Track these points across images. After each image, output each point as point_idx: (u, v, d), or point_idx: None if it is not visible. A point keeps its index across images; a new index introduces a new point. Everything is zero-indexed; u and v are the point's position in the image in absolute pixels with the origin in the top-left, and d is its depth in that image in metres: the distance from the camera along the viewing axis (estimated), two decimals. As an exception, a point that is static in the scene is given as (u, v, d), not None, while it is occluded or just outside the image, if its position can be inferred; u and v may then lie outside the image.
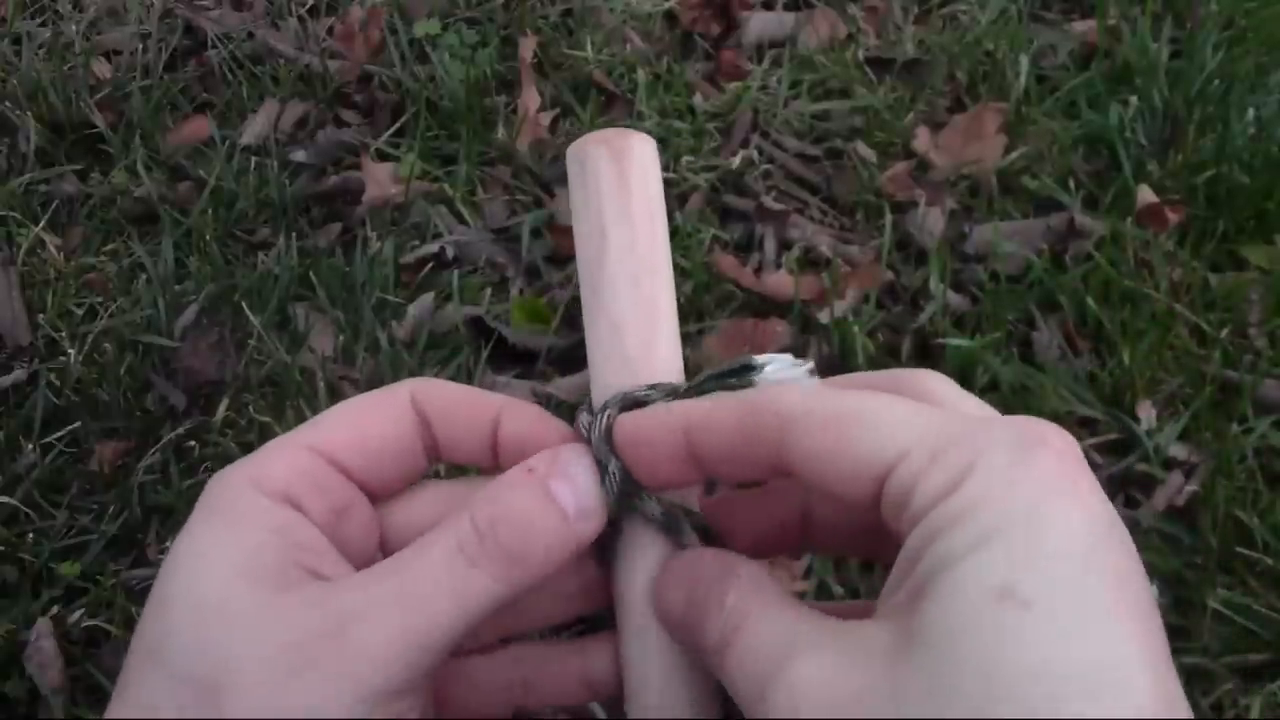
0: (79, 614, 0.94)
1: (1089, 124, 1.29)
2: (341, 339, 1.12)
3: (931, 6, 1.47)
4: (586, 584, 0.36)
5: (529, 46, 1.40)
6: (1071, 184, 1.23)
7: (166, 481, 1.02)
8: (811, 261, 1.20)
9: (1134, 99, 1.29)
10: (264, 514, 0.32)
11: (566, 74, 1.40)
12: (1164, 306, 1.10)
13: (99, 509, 1.01)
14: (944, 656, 0.26)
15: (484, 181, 1.30)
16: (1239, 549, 0.94)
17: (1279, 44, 1.35)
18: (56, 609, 0.94)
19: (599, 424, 0.33)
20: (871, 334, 1.11)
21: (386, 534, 0.35)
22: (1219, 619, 0.91)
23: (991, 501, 0.27)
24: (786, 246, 1.22)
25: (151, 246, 1.24)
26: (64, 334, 1.14)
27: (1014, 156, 1.26)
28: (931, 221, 1.21)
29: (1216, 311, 1.11)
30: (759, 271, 1.19)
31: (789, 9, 1.47)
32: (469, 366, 1.10)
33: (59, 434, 1.06)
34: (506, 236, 1.24)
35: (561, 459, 0.33)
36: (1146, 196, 1.20)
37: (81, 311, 1.17)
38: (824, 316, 1.11)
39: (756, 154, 1.30)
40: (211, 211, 1.26)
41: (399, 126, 1.35)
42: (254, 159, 1.31)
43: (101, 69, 1.43)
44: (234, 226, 1.26)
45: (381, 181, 1.28)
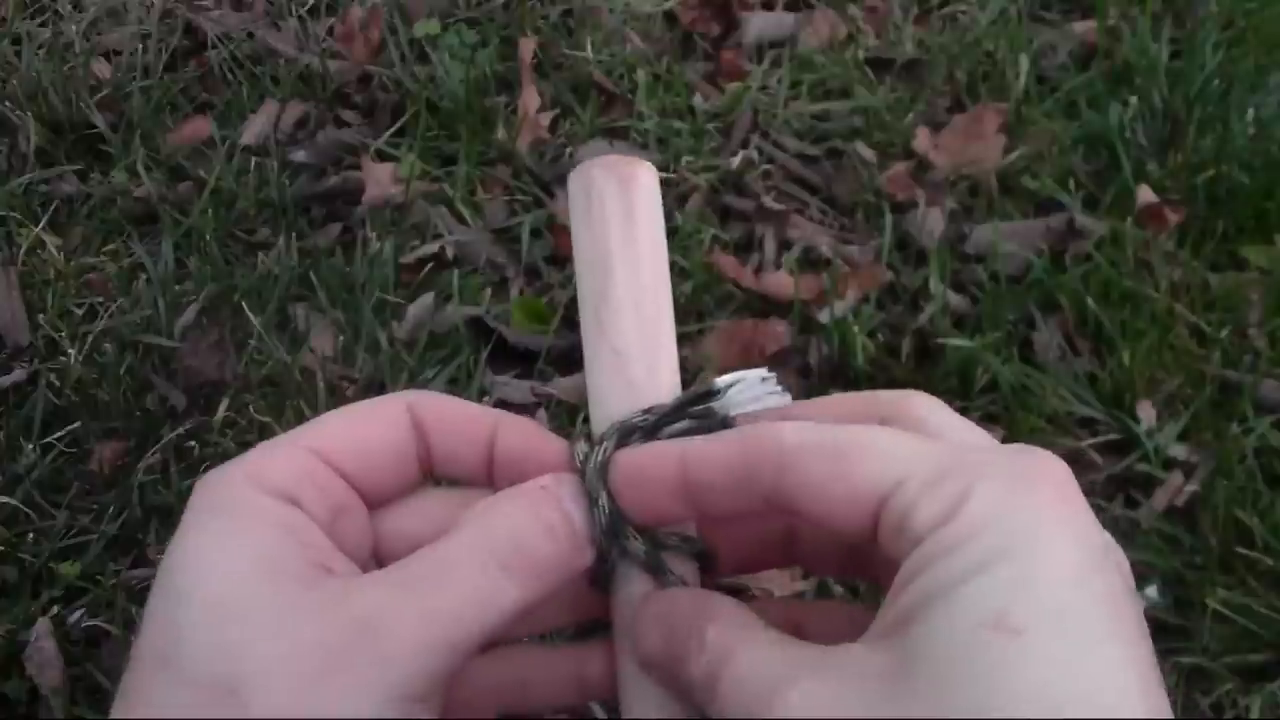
0: (79, 614, 0.94)
1: (1089, 124, 1.29)
2: (341, 339, 1.12)
3: (931, 6, 1.47)
4: (579, 596, 0.36)
5: (529, 47, 1.40)
6: (1071, 184, 1.23)
7: (166, 481, 1.02)
8: (811, 261, 1.20)
9: (1134, 99, 1.29)
10: (268, 511, 0.31)
11: (566, 74, 1.40)
12: (1164, 306, 1.10)
13: (99, 509, 1.01)
14: (939, 684, 0.26)
15: (484, 181, 1.30)
16: (1239, 549, 0.94)
17: (1279, 44, 1.35)
18: (56, 609, 0.94)
19: (595, 457, 0.33)
20: (871, 334, 1.11)
21: (380, 541, 0.35)
22: (1219, 619, 0.91)
23: (986, 530, 0.27)
24: (786, 246, 1.22)
25: (151, 246, 1.24)
26: (64, 334, 1.14)
27: (1014, 156, 1.26)
28: (931, 221, 1.21)
29: (1216, 311, 1.11)
30: (759, 271, 1.19)
31: (789, 9, 1.47)
32: (469, 366, 1.10)
33: (59, 434, 1.06)
34: (506, 236, 1.24)
35: (559, 487, 0.33)
36: (1146, 196, 1.20)
37: (81, 311, 1.17)
38: (824, 316, 1.11)
39: (756, 154, 1.30)
40: (211, 211, 1.26)
41: (399, 126, 1.35)
42: (254, 159, 1.31)
43: (101, 69, 1.43)
44: (234, 226, 1.26)
45: (381, 181, 1.28)
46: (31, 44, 1.45)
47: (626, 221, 0.34)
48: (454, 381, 1.09)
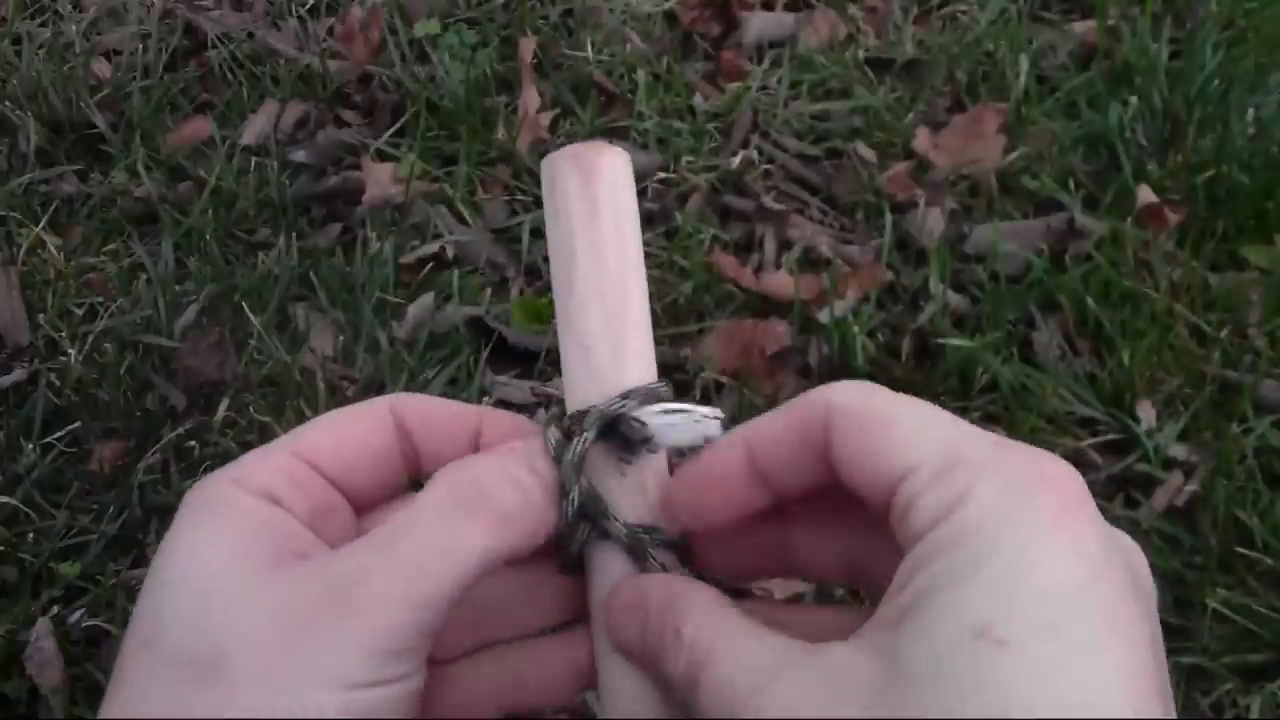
0: (79, 614, 0.94)
1: (1089, 124, 1.29)
2: (341, 339, 1.13)
3: (931, 6, 1.47)
4: (564, 589, 0.36)
5: (529, 47, 1.40)
6: (1071, 184, 1.23)
7: (166, 481, 1.02)
8: (811, 261, 1.20)
9: (1134, 99, 1.29)
10: (250, 508, 0.32)
11: (566, 74, 1.40)
12: (1164, 306, 1.10)
13: (99, 509, 1.01)
14: (922, 689, 0.26)
15: (484, 181, 1.30)
16: (1239, 549, 0.94)
17: (1279, 44, 1.35)
18: (56, 609, 0.94)
19: (575, 449, 0.33)
20: (871, 334, 1.11)
21: None
22: (1219, 619, 0.91)
23: (981, 534, 0.27)
24: (786, 246, 1.22)
25: (151, 246, 1.24)
26: (64, 334, 1.14)
27: (1014, 156, 1.26)
28: (931, 221, 1.21)
29: (1216, 311, 1.11)
30: (759, 271, 1.19)
31: (789, 9, 1.47)
32: (469, 366, 1.10)
33: (59, 434, 1.06)
34: (506, 236, 1.24)
35: (528, 448, 0.34)
36: (1146, 196, 1.20)
37: (81, 311, 1.17)
38: (824, 316, 1.11)
39: (756, 154, 1.30)
40: (211, 211, 1.26)
41: (399, 126, 1.35)
42: (254, 159, 1.31)
43: (101, 69, 1.43)
44: (234, 226, 1.26)
45: (381, 181, 1.28)
46: (31, 44, 1.45)
47: (589, 210, 0.34)
48: (454, 382, 1.09)
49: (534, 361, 1.12)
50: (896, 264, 1.19)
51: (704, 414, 0.34)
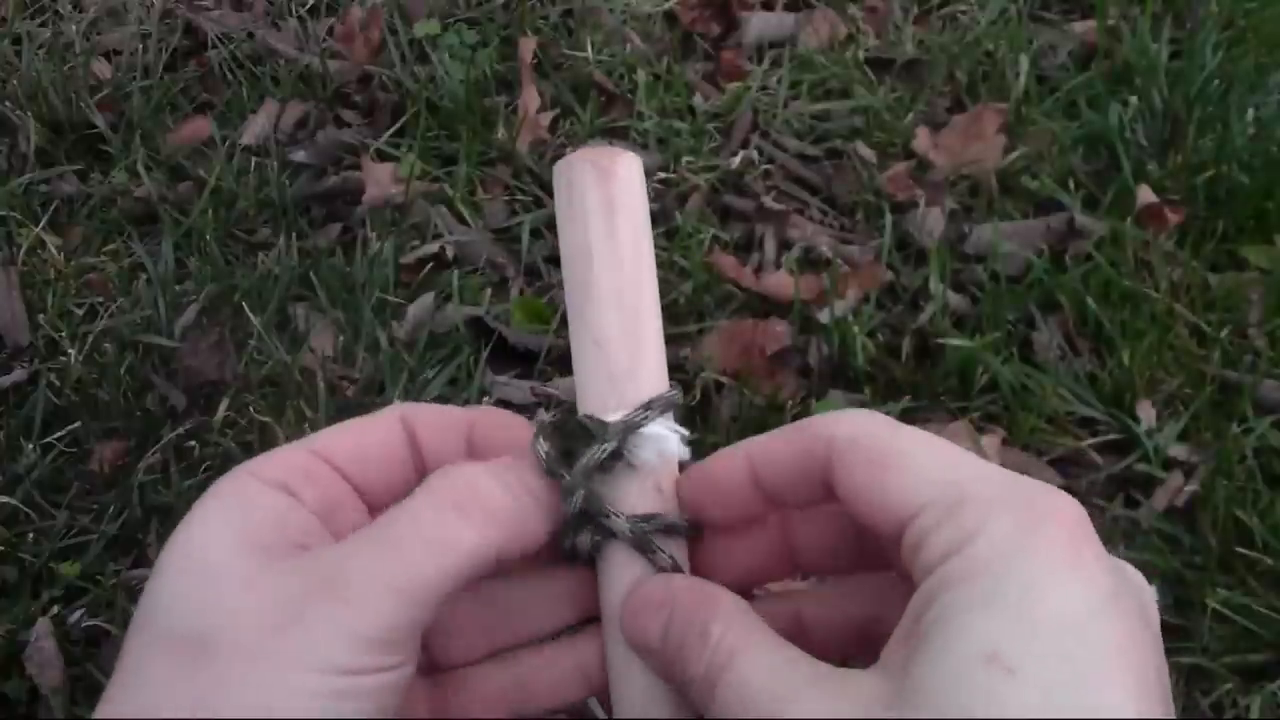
0: (79, 614, 0.94)
1: (1089, 124, 1.29)
2: (341, 339, 1.13)
3: (931, 6, 1.47)
4: (573, 592, 0.36)
5: (529, 47, 1.40)
6: (1071, 184, 1.23)
7: (166, 481, 1.02)
8: (811, 261, 1.20)
9: (1134, 99, 1.29)
10: (259, 495, 0.33)
11: (566, 74, 1.40)
12: (1164, 306, 1.10)
13: (99, 509, 1.01)
14: (932, 714, 0.26)
15: (484, 181, 1.30)
16: (1239, 549, 0.94)
17: (1279, 44, 1.35)
18: (56, 609, 0.94)
19: (590, 459, 0.34)
20: (871, 334, 1.11)
21: None
22: (1219, 619, 0.91)
23: (991, 567, 0.28)
24: (786, 246, 1.22)
25: (151, 246, 1.24)
26: (64, 334, 1.14)
27: (1014, 156, 1.26)
28: (931, 221, 1.21)
29: (1216, 311, 1.11)
30: (759, 271, 1.19)
31: (789, 9, 1.47)
32: (469, 366, 1.10)
33: (59, 434, 1.06)
34: (506, 236, 1.24)
35: (520, 460, 0.35)
36: (1146, 196, 1.20)
37: (81, 311, 1.17)
38: (824, 316, 1.11)
39: (756, 154, 1.30)
40: (211, 211, 1.26)
41: (399, 126, 1.35)
42: (254, 159, 1.31)
43: (101, 69, 1.43)
44: (234, 226, 1.26)
45: (381, 181, 1.28)
46: (31, 44, 1.45)
47: (607, 214, 0.35)
48: (454, 382, 1.09)
49: (534, 361, 1.12)
50: (896, 264, 1.19)
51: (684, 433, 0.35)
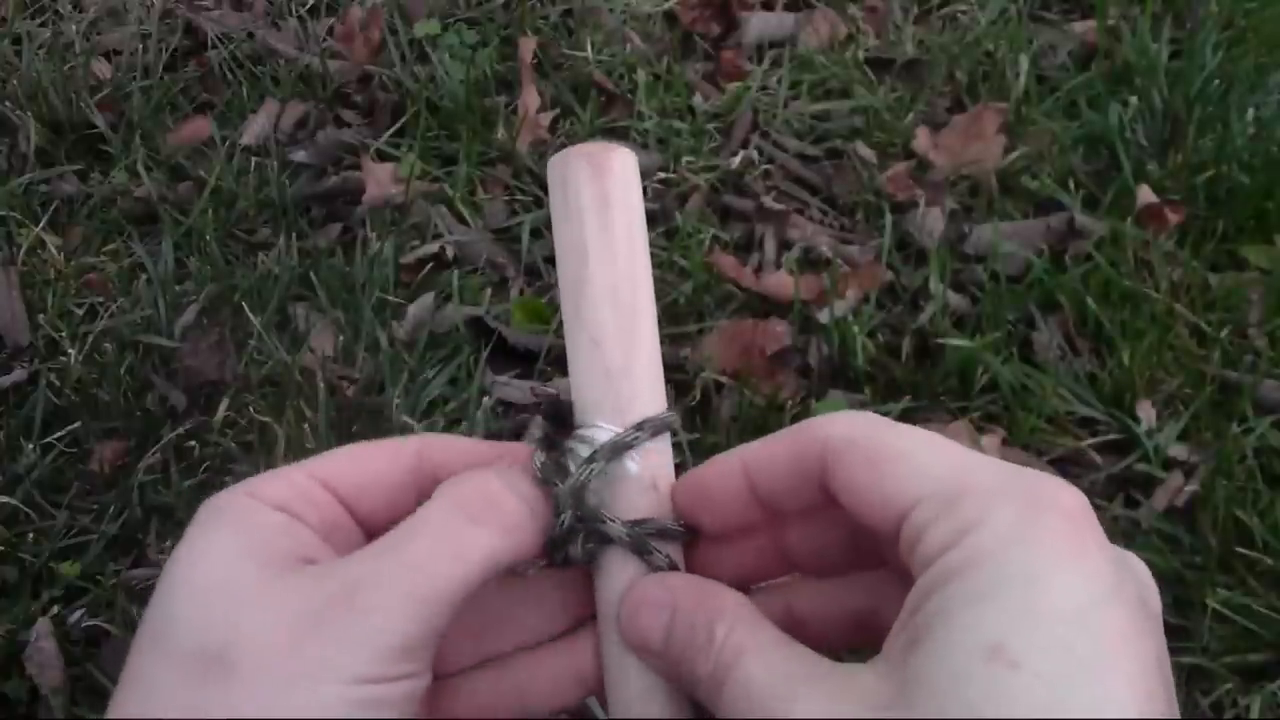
0: (79, 614, 0.94)
1: (1089, 124, 1.29)
2: (341, 339, 1.12)
3: (931, 6, 1.47)
4: (564, 596, 0.36)
5: (529, 47, 1.40)
6: (1071, 184, 1.23)
7: (166, 481, 1.02)
8: (811, 261, 1.20)
9: (1134, 99, 1.29)
10: (261, 516, 0.33)
11: (566, 74, 1.40)
12: (1164, 306, 1.10)
13: (99, 509, 1.01)
14: (935, 709, 0.26)
15: (484, 181, 1.30)
16: (1239, 549, 0.94)
17: (1279, 44, 1.35)
18: (56, 609, 0.94)
19: (581, 476, 0.34)
20: (871, 334, 1.11)
21: None
22: (1219, 619, 0.91)
23: (993, 558, 0.27)
24: (786, 246, 1.22)
25: (151, 246, 1.24)
26: (64, 334, 1.14)
27: (1014, 156, 1.26)
28: (931, 221, 1.21)
29: (1216, 311, 1.11)
30: (759, 271, 1.19)
31: (789, 9, 1.47)
32: (469, 366, 1.10)
33: (59, 434, 1.06)
34: (506, 236, 1.24)
35: (520, 468, 0.35)
36: (1146, 196, 1.20)
37: (81, 311, 1.17)
38: (824, 316, 1.11)
39: (756, 154, 1.30)
40: (211, 211, 1.26)
41: (399, 126, 1.35)
42: (254, 159, 1.31)
43: (101, 69, 1.43)
44: (234, 226, 1.26)
45: (381, 181, 1.28)
46: (31, 44, 1.45)
47: (601, 209, 0.34)
48: (454, 382, 1.09)
49: (534, 361, 1.12)
50: (896, 264, 1.19)
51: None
